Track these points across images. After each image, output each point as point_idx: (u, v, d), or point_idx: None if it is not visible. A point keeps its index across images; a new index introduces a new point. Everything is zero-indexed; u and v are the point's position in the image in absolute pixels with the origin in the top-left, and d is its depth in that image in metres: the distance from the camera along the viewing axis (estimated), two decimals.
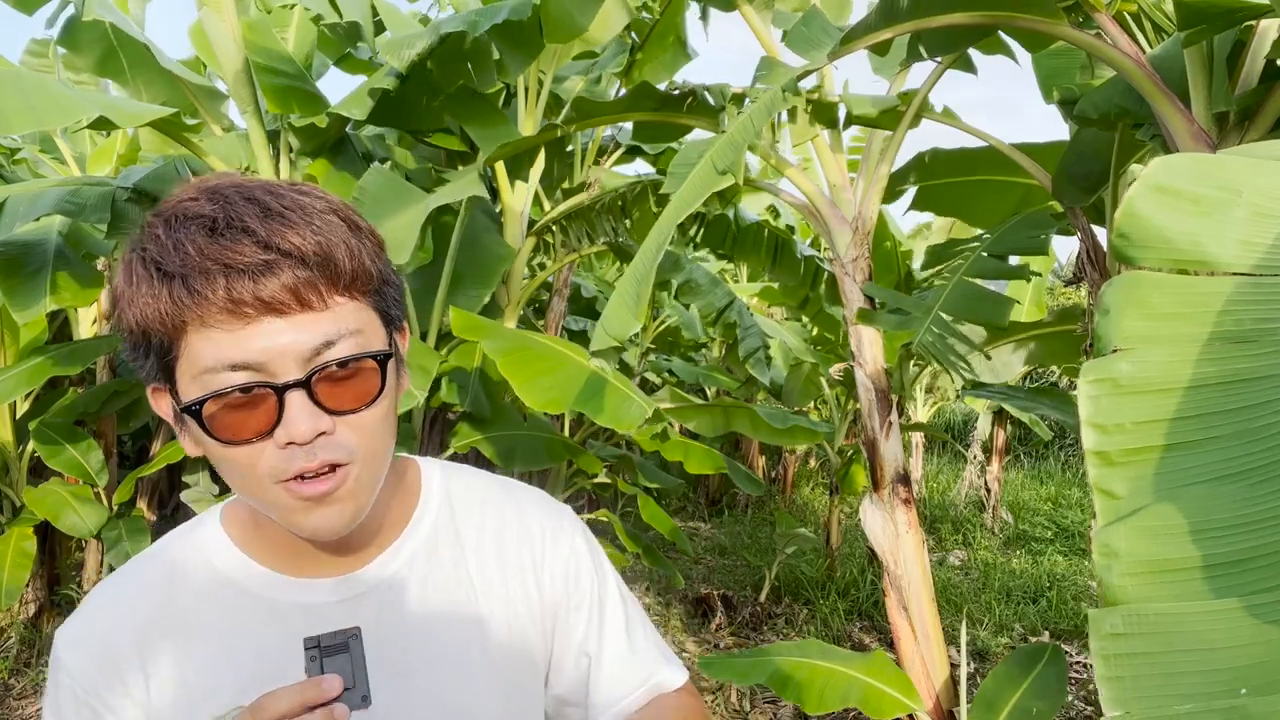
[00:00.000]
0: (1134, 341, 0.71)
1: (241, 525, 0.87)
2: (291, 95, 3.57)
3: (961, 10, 2.33)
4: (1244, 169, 0.77)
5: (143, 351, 0.75)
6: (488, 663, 0.88)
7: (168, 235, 0.71)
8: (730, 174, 2.25)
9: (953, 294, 3.08)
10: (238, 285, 0.69)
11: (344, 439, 0.75)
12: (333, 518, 0.76)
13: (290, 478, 0.73)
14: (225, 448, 0.73)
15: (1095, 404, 0.71)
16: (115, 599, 0.85)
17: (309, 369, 0.72)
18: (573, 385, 3.09)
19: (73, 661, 0.81)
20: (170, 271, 0.70)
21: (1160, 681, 0.64)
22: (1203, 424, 0.70)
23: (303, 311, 0.71)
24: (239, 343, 0.70)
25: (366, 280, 0.76)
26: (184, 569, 0.85)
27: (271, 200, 0.73)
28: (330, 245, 0.72)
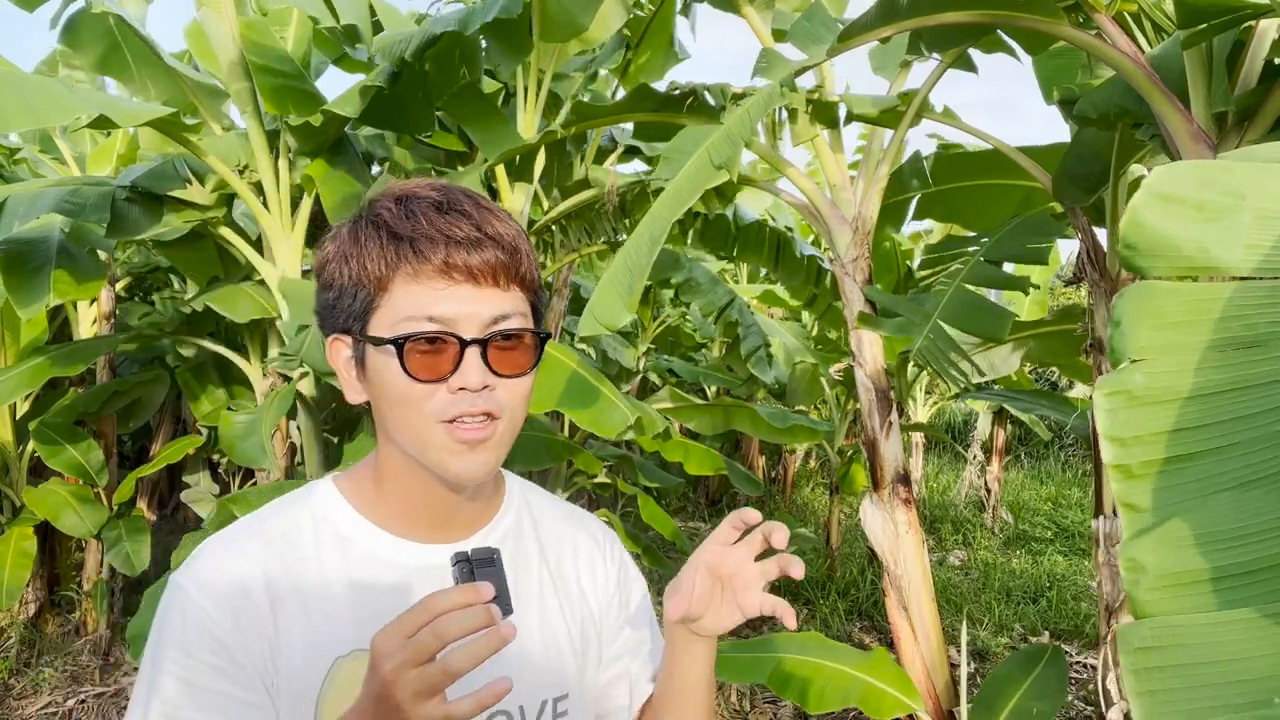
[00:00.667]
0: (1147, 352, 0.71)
1: (359, 492, 0.97)
2: (289, 95, 3.56)
3: (960, 9, 2.32)
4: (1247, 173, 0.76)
5: (349, 298, 0.88)
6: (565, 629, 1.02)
7: (399, 208, 0.88)
8: (726, 169, 2.24)
9: (951, 302, 3.07)
10: (455, 254, 0.85)
11: (500, 396, 0.88)
12: (478, 464, 0.88)
13: (452, 418, 0.86)
14: (409, 382, 0.86)
15: (1112, 417, 0.71)
16: (241, 551, 0.92)
17: (487, 332, 0.87)
18: (558, 387, 3.08)
19: (204, 599, 0.88)
20: (401, 234, 0.86)
21: (1192, 694, 0.63)
22: (1221, 431, 0.69)
23: (493, 287, 0.88)
24: (440, 300, 0.86)
25: (533, 281, 0.93)
26: (303, 529, 0.95)
27: (481, 198, 0.91)
28: (519, 243, 0.90)
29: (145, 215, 3.71)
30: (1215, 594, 0.65)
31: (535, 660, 0.98)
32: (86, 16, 3.91)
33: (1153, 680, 0.64)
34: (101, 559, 4.97)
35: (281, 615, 0.89)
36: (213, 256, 4.55)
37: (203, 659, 0.86)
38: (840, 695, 2.63)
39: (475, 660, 0.71)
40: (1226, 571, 0.65)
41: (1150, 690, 0.64)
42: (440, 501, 0.95)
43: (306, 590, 0.91)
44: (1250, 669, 0.63)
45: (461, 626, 0.71)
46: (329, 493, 0.98)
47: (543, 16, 3.46)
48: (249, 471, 6.03)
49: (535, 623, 0.99)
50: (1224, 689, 0.63)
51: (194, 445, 5.15)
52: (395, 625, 0.73)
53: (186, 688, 0.85)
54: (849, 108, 3.14)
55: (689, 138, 2.60)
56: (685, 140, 2.60)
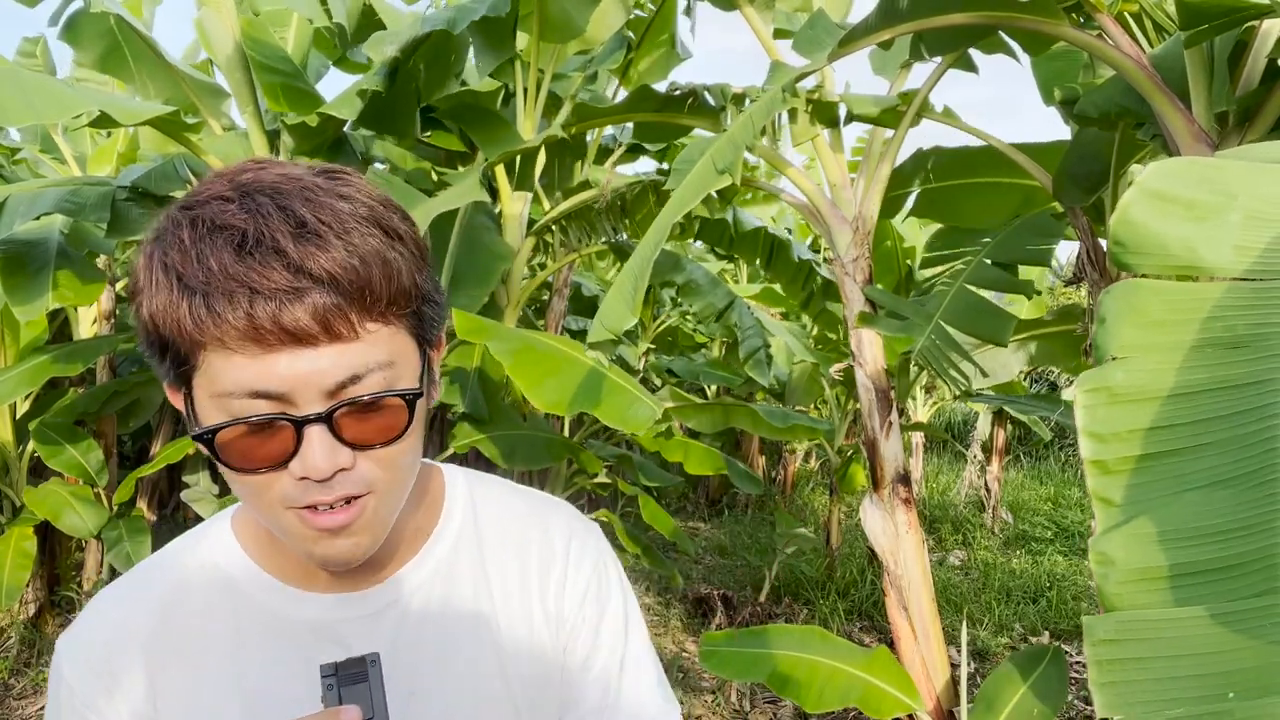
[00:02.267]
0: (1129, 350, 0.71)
1: (254, 534, 0.84)
2: (288, 93, 3.57)
3: (962, 11, 2.32)
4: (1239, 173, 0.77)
5: (159, 353, 0.70)
6: (505, 689, 0.85)
7: (193, 244, 0.65)
8: (729, 173, 2.25)
9: (954, 304, 3.07)
10: (261, 310, 0.64)
11: (364, 472, 0.71)
12: (346, 550, 0.73)
13: (301, 505, 0.70)
14: (238, 474, 0.70)
15: (1091, 413, 0.71)
16: (119, 610, 0.81)
17: (331, 404, 0.67)
18: (580, 386, 3.09)
19: (73, 674, 0.79)
20: (192, 286, 0.65)
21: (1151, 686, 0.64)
22: (1195, 430, 0.70)
23: (330, 342, 0.66)
24: (260, 370, 0.65)
25: (405, 302, 0.70)
26: (191, 580, 0.82)
27: (307, 211, 0.66)
28: (366, 268, 0.67)
29: (145, 215, 3.71)
30: (1179, 590, 0.66)
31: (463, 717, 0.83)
32: (86, 15, 3.91)
33: (1114, 672, 0.65)
34: (101, 559, 4.98)
35: (161, 681, 0.78)
36: None
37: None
38: (840, 695, 2.63)
39: None
40: (1191, 568, 0.67)
41: (1112, 682, 0.65)
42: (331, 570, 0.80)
43: (189, 653, 0.79)
44: (1208, 664, 0.64)
45: None
46: (223, 534, 0.84)
47: (542, 17, 3.46)
48: None
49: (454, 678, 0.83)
50: (1182, 683, 0.64)
51: (193, 445, 5.15)
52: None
53: None
54: (849, 107, 3.14)
55: (696, 148, 2.62)
56: (692, 150, 2.63)
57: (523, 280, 4.23)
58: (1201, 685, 0.63)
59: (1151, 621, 0.66)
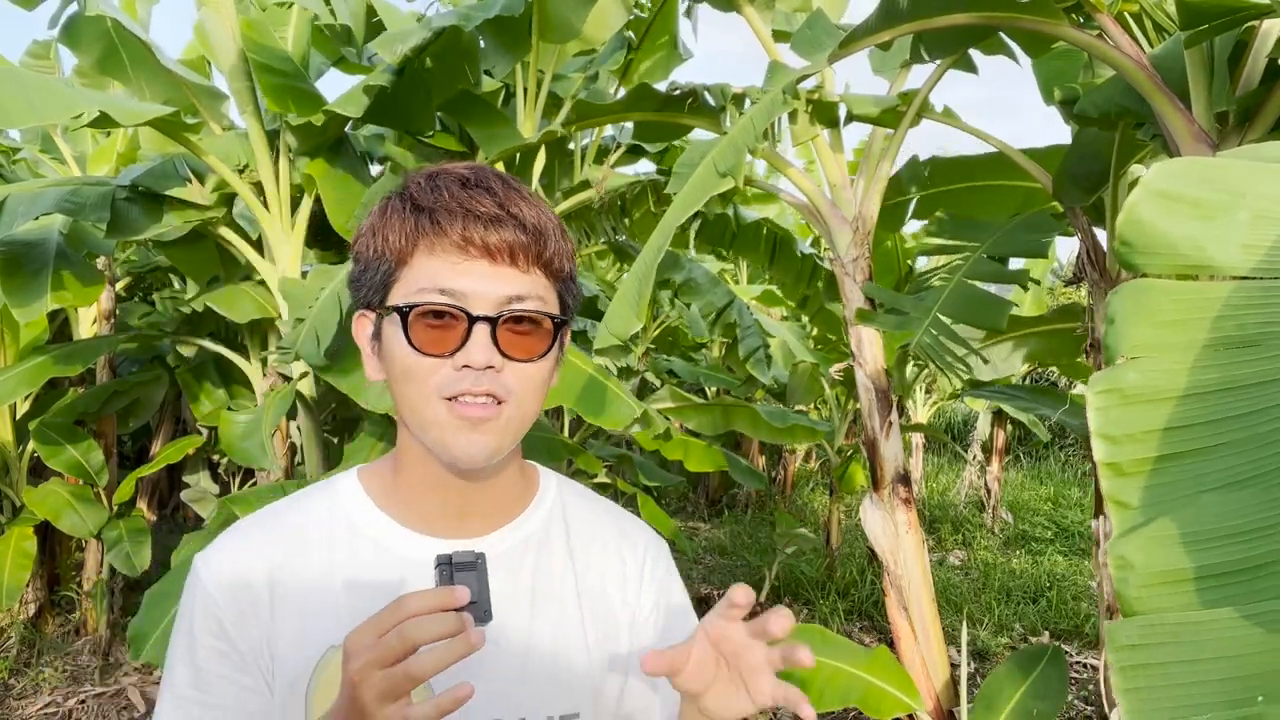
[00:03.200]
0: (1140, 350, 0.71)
1: (379, 483, 0.96)
2: (289, 94, 3.56)
3: (962, 11, 2.32)
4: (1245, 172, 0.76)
5: (373, 271, 0.88)
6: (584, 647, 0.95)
7: (427, 183, 0.88)
8: (731, 176, 2.26)
9: (951, 296, 3.07)
10: (472, 227, 0.84)
11: (508, 379, 0.85)
12: (478, 445, 0.85)
13: (454, 395, 0.84)
14: (413, 354, 0.84)
15: (1104, 415, 0.71)
16: (254, 539, 0.94)
17: (498, 310, 0.85)
18: (566, 384, 3.09)
19: (211, 584, 0.90)
20: (423, 206, 0.86)
21: (1178, 691, 0.64)
22: (1210, 431, 0.69)
23: (510, 266, 0.86)
24: (454, 273, 0.84)
25: (560, 269, 0.90)
26: (320, 519, 0.95)
27: (515, 182, 0.89)
28: (546, 227, 0.87)
29: (145, 215, 3.70)
30: (1202, 592, 0.66)
31: (543, 673, 0.93)
32: (84, 18, 3.90)
33: (1139, 677, 0.65)
34: (101, 559, 4.97)
35: (279, 605, 0.90)
36: (213, 256, 4.55)
37: (207, 644, 0.89)
38: (840, 694, 2.63)
39: (439, 667, 0.69)
40: (1213, 570, 0.66)
41: (1136, 688, 0.65)
42: (452, 491, 0.92)
43: (306, 583, 0.91)
44: (1235, 667, 0.63)
45: (429, 631, 0.70)
46: (350, 484, 0.98)
47: (542, 17, 3.46)
48: (249, 471, 6.03)
49: (548, 634, 0.94)
50: (1209, 687, 0.63)
51: (194, 445, 5.15)
52: (368, 624, 0.72)
53: (194, 672, 0.88)
54: (849, 108, 3.14)
55: (697, 151, 2.63)
56: (693, 153, 2.64)
57: None
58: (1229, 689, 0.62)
59: (1175, 625, 0.65)
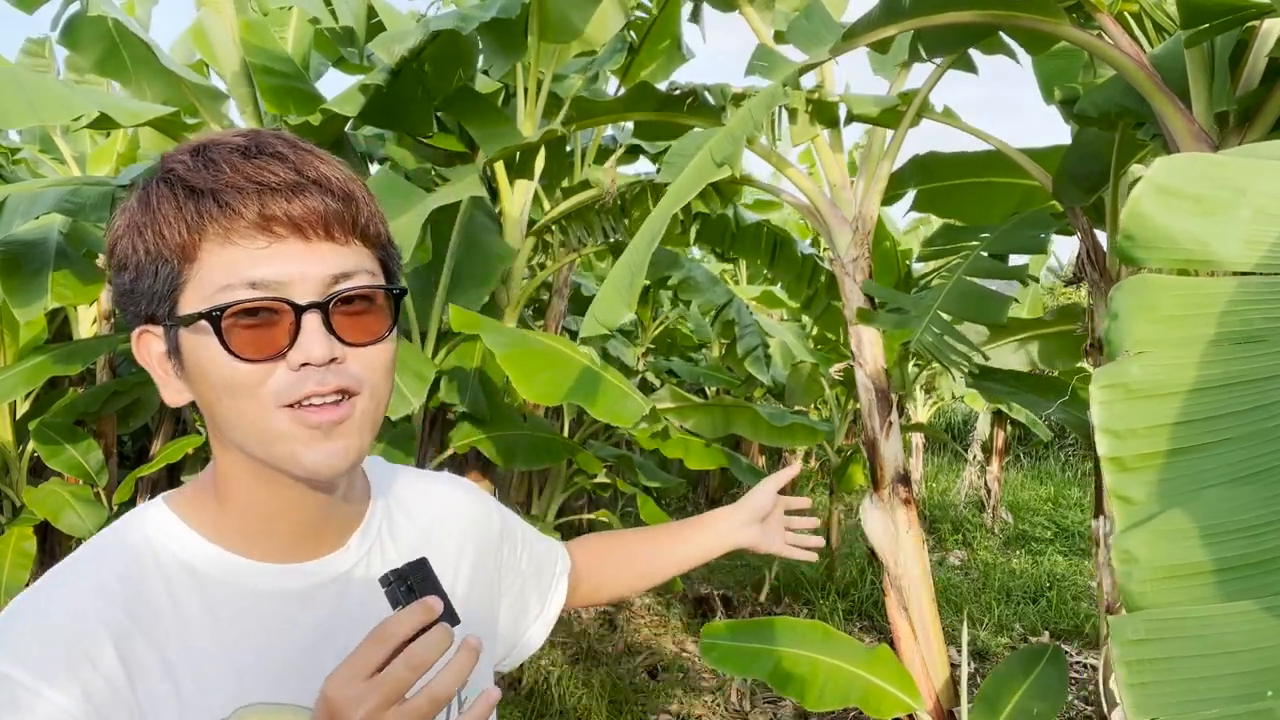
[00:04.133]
0: (1144, 345, 0.71)
1: (200, 513, 0.80)
2: (288, 95, 3.56)
3: (963, 8, 2.32)
4: (1248, 169, 0.77)
5: (149, 277, 0.73)
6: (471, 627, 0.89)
7: (197, 159, 0.72)
8: (728, 165, 2.24)
9: (952, 293, 3.07)
10: (271, 203, 0.70)
11: (353, 369, 0.74)
12: (336, 454, 0.74)
13: (298, 400, 0.72)
14: (236, 365, 0.71)
15: (1108, 410, 0.71)
16: (70, 610, 0.72)
17: (327, 294, 0.73)
18: (570, 379, 3.09)
19: (42, 684, 0.68)
20: (200, 189, 0.71)
21: (1185, 687, 0.63)
22: (1215, 426, 0.69)
23: (326, 240, 0.73)
24: (261, 261, 0.71)
25: (377, 234, 0.78)
26: (145, 568, 0.76)
27: (301, 142, 0.76)
28: (353, 189, 0.75)
29: None
30: (1208, 587, 0.65)
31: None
32: (85, 19, 3.90)
33: (1145, 673, 0.64)
34: None
35: (140, 681, 0.71)
36: None
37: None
38: (841, 694, 2.63)
39: (458, 682, 0.66)
40: (1220, 565, 0.66)
41: (1142, 682, 0.64)
42: (304, 510, 0.80)
43: (166, 644, 0.74)
44: (1244, 663, 0.63)
45: (432, 654, 0.66)
46: (165, 521, 0.79)
47: (541, 18, 3.46)
48: None
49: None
50: (1217, 682, 0.63)
51: (193, 445, 5.14)
52: (349, 668, 0.65)
53: None
54: (849, 107, 3.14)
55: (691, 141, 2.60)
56: (687, 144, 2.60)
57: (523, 280, 4.23)
58: (1238, 683, 0.62)
59: (1182, 619, 0.65)
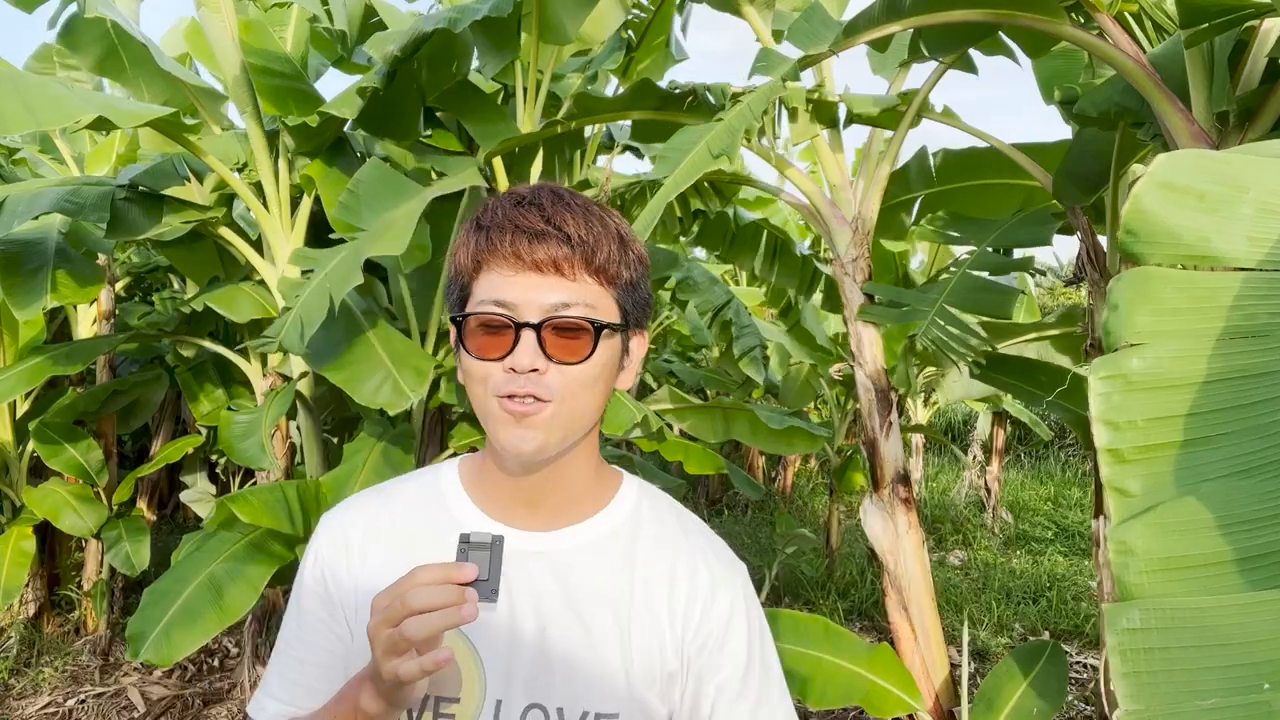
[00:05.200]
0: (1144, 337, 0.71)
1: (471, 471, 1.08)
2: (288, 95, 3.56)
3: (964, 7, 2.32)
4: (1250, 166, 0.76)
5: (454, 286, 0.99)
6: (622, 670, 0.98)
7: (493, 203, 0.97)
8: (726, 157, 2.25)
9: (958, 287, 3.06)
10: (519, 242, 0.92)
11: (550, 381, 0.92)
12: (524, 439, 0.93)
13: (504, 394, 0.92)
14: (470, 359, 0.94)
15: (1106, 400, 0.71)
16: (361, 503, 1.09)
17: (542, 317, 0.92)
18: None
19: (322, 537, 1.06)
20: (483, 225, 0.95)
21: (1180, 677, 0.63)
22: (1215, 420, 0.69)
23: (556, 275, 0.93)
24: (507, 286, 0.93)
25: (616, 276, 0.96)
26: (416, 496, 1.07)
27: (569, 196, 0.96)
28: (595, 239, 0.94)
29: (145, 215, 3.70)
30: (1206, 580, 0.65)
31: (580, 669, 0.98)
32: (83, 20, 3.90)
33: (1139, 662, 0.64)
34: (101, 559, 4.97)
35: (370, 563, 1.02)
36: (212, 256, 4.54)
37: (311, 587, 1.03)
38: (842, 693, 2.63)
39: (427, 631, 0.79)
40: (1218, 558, 0.66)
41: (1136, 672, 0.64)
42: (522, 483, 1.01)
43: (398, 547, 1.02)
44: (1241, 655, 0.63)
45: (426, 600, 0.80)
46: (450, 470, 1.09)
47: (540, 17, 3.46)
48: (249, 472, 6.03)
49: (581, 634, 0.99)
50: (1213, 674, 0.63)
51: (193, 445, 5.15)
52: (390, 588, 0.82)
53: (298, 608, 1.04)
54: (849, 107, 3.14)
55: (686, 137, 2.60)
56: (683, 139, 2.60)
57: None
58: (1234, 675, 0.62)
59: (1178, 610, 0.65)
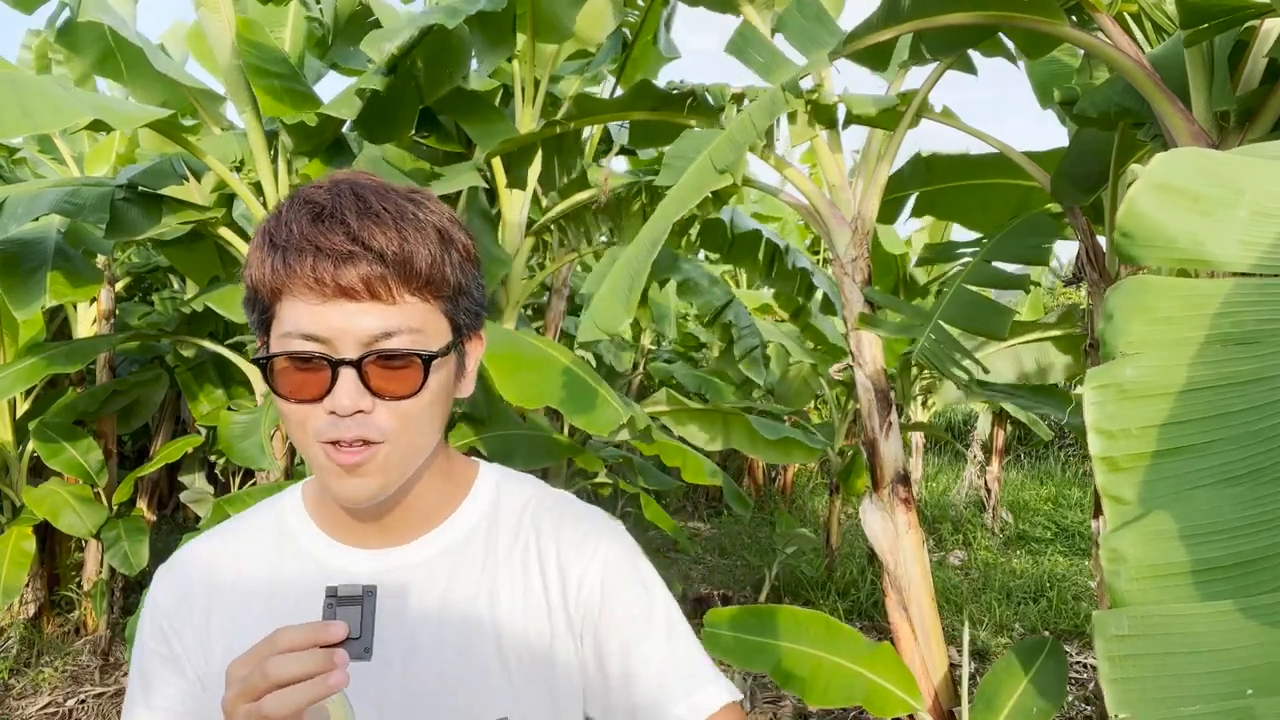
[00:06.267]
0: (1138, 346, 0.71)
1: (316, 495, 0.98)
2: (285, 95, 3.55)
3: (963, 10, 2.32)
4: (1247, 168, 0.77)
5: (251, 306, 0.87)
6: (501, 666, 0.92)
7: (286, 213, 0.83)
8: (730, 173, 2.24)
9: (952, 302, 3.06)
10: (322, 266, 0.80)
11: (381, 420, 0.83)
12: (358, 488, 0.84)
13: (328, 440, 0.83)
14: (283, 402, 0.83)
15: (1100, 409, 0.71)
16: (203, 547, 0.98)
17: (363, 351, 0.81)
18: (549, 382, 3.05)
19: (158, 591, 0.96)
20: (277, 244, 0.82)
21: (1166, 683, 0.64)
22: (1207, 427, 0.70)
23: (372, 301, 0.81)
24: (315, 316, 0.81)
25: (441, 286, 0.85)
26: (261, 530, 0.98)
27: (375, 200, 0.83)
28: (411, 250, 0.82)
29: (144, 216, 3.70)
30: (1194, 586, 0.66)
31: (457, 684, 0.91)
32: (79, 23, 3.90)
33: (1127, 668, 0.65)
34: (101, 559, 4.97)
35: (215, 610, 0.93)
36: (212, 256, 4.55)
37: (150, 648, 0.93)
38: (844, 692, 2.63)
39: (292, 707, 0.70)
40: (1206, 565, 0.66)
41: (1124, 678, 0.65)
42: (363, 514, 0.92)
43: (249, 589, 0.93)
44: (1226, 661, 0.63)
45: (290, 671, 0.71)
46: (294, 494, 1.00)
47: (534, 16, 3.46)
48: (249, 472, 6.03)
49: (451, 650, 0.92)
50: (1199, 680, 0.64)
51: (193, 445, 5.15)
52: (247, 654, 0.73)
53: (140, 674, 0.94)
54: (848, 108, 3.13)
55: (690, 143, 2.59)
56: (686, 146, 2.59)
57: (522, 281, 4.22)
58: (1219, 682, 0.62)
59: (1166, 617, 0.65)
